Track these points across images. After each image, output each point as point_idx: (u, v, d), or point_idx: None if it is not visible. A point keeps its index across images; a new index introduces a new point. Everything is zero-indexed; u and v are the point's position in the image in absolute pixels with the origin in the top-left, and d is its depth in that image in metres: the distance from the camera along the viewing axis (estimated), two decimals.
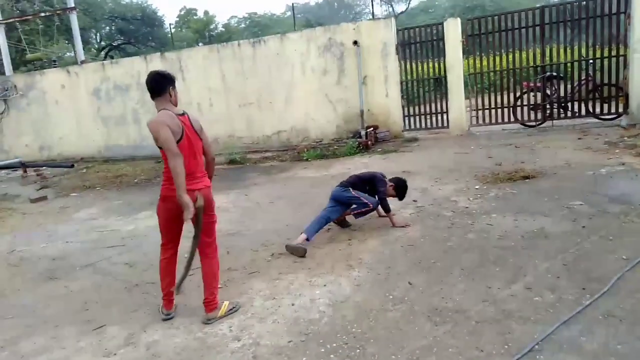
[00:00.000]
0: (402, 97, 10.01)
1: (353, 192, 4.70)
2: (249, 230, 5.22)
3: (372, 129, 9.74)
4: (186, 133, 3.18)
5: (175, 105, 3.29)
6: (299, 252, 4.29)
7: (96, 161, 11.86)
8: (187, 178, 3.12)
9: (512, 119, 9.61)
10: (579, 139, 7.80)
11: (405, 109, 10.15)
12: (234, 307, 3.42)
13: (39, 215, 7.05)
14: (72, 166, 11.43)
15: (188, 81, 10.90)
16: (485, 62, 10.05)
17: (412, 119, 10.19)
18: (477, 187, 5.76)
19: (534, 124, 9.40)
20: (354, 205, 4.73)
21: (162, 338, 3.14)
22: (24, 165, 11.30)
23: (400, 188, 4.86)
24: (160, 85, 3.20)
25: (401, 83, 9.93)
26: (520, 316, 2.88)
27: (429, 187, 6.04)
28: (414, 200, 5.53)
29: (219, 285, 3.79)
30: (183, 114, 3.25)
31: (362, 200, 4.67)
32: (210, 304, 3.34)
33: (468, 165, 6.92)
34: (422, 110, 10.15)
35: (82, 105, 11.99)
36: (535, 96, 9.41)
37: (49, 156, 12.66)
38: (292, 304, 3.38)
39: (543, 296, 3.07)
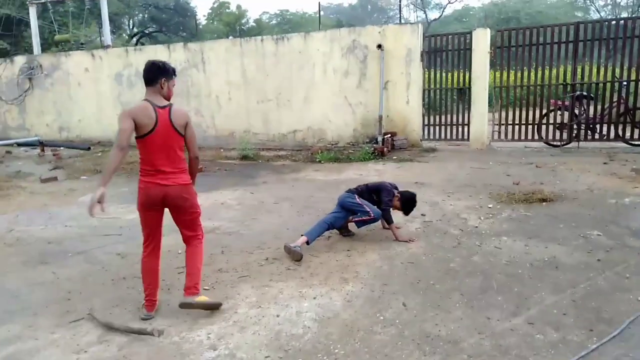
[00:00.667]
0: (423, 105, 9.76)
1: (358, 200, 4.51)
2: (247, 231, 5.06)
3: (389, 135, 9.51)
4: (159, 127, 3.08)
5: (168, 98, 3.20)
6: (295, 256, 4.11)
7: (112, 145, 11.89)
8: (154, 173, 3.13)
9: (536, 137, 9.27)
10: (605, 163, 7.43)
11: (426, 117, 9.90)
12: (213, 304, 3.27)
13: (45, 196, 7.04)
14: (89, 149, 11.53)
15: (209, 73, 10.84)
16: (512, 76, 9.73)
17: (431, 129, 9.92)
18: (490, 205, 5.49)
19: (558, 143, 9.04)
20: (357, 213, 4.53)
21: (136, 339, 2.99)
22: (41, 144, 11.43)
23: (406, 202, 4.61)
24: (151, 75, 3.15)
25: (423, 91, 9.68)
26: (518, 355, 2.64)
27: (440, 201, 5.79)
28: (422, 214, 5.30)
29: (206, 288, 3.67)
30: (164, 107, 3.13)
31: (365, 208, 4.47)
32: (189, 289, 3.26)
33: (484, 182, 6.64)
34: (443, 120, 9.88)
35: (103, 89, 12.06)
36: (562, 115, 9.04)
37: (68, 137, 12.78)
38: (277, 315, 3.20)
39: (545, 334, 2.82)
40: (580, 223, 4.72)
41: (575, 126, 8.96)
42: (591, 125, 8.92)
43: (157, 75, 3.14)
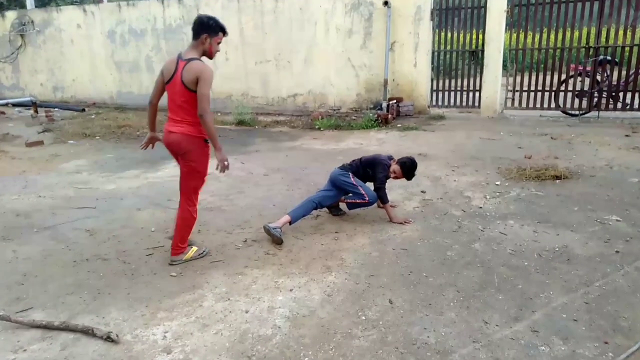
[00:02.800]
0: (432, 69, 9.10)
1: (352, 179, 4.05)
2: (230, 206, 4.66)
3: (394, 101, 8.93)
4: (174, 78, 3.21)
5: (209, 55, 3.28)
6: (275, 239, 3.71)
7: (108, 107, 11.47)
8: (168, 120, 3.39)
9: (553, 104, 8.63)
10: (627, 136, 6.84)
11: (434, 82, 9.26)
12: (202, 252, 3.57)
13: (27, 162, 6.67)
14: (83, 110, 11.12)
15: None
16: (529, 38, 8.99)
17: (440, 94, 9.31)
18: (497, 182, 5.00)
19: (577, 112, 8.40)
20: (350, 194, 4.09)
21: (83, 336, 2.64)
22: (34, 105, 11.01)
23: (407, 170, 4.10)
24: (195, 29, 3.23)
25: (433, 53, 9.01)
26: None
27: (443, 177, 5.31)
28: (422, 192, 4.84)
29: (173, 274, 3.30)
30: (186, 61, 3.18)
31: (360, 190, 4.02)
32: (174, 248, 3.47)
33: (493, 155, 6.12)
34: (453, 85, 9.24)
35: (96, 47, 11.50)
36: (582, 81, 8.36)
37: (62, 98, 12.34)
38: (246, 311, 2.82)
39: (551, 346, 2.41)
40: (597, 205, 4.24)
41: (596, 94, 8.29)
42: (614, 94, 8.24)
43: (199, 30, 3.19)
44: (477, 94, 8.98)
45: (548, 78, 8.64)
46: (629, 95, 8.20)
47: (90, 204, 4.81)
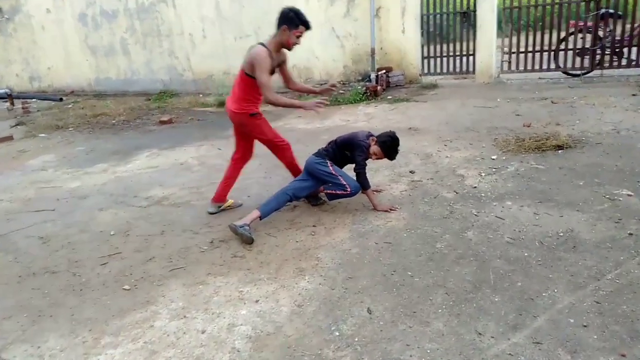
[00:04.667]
0: (422, 34, 8.52)
1: (331, 168, 3.60)
2: (200, 200, 4.24)
3: (384, 71, 8.40)
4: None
5: (287, 45, 3.49)
6: (245, 239, 3.31)
7: (86, 95, 10.99)
8: None
9: (553, 65, 8.07)
10: (634, 95, 6.33)
11: (425, 48, 8.69)
12: (239, 206, 3.95)
13: None
14: (61, 100, 10.59)
15: (179, 8, 9.62)
16: None
17: (432, 62, 8.76)
18: (493, 156, 4.56)
19: (578, 72, 7.86)
20: (329, 184, 3.66)
21: None
22: (10, 97, 10.52)
23: (388, 148, 3.62)
24: (277, 20, 3.39)
25: (422, 17, 8.42)
26: None
27: (435, 153, 4.86)
28: (411, 172, 4.41)
29: (126, 288, 2.92)
30: (258, 45, 3.43)
31: (341, 181, 3.58)
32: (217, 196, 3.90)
33: (489, 124, 5.66)
34: (445, 51, 8.67)
35: (68, 32, 10.93)
36: (583, 38, 7.78)
37: (40, 87, 11.83)
38: (203, 332, 2.43)
39: None
40: (605, 178, 3.80)
41: (599, 51, 7.73)
42: (617, 50, 7.67)
43: (280, 21, 3.37)
44: (471, 58, 8.43)
45: (546, 37, 8.08)
46: (634, 50, 7.62)
47: (50, 206, 4.40)
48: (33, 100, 11.00)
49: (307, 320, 2.44)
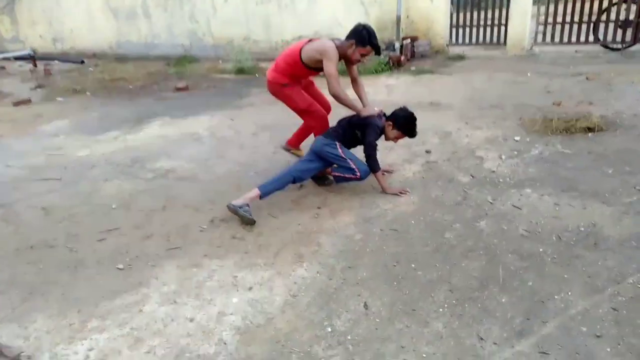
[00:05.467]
0: (451, 1, 8.04)
1: (340, 151, 3.40)
2: (207, 175, 4.13)
3: (409, 40, 8.00)
4: (299, 43, 3.60)
5: (352, 61, 3.50)
6: (246, 220, 3.19)
7: (108, 58, 10.91)
8: None
9: (591, 38, 7.52)
10: None
11: (454, 17, 8.21)
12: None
13: (7, 124, 6.25)
14: (83, 62, 10.59)
15: None
16: None
17: (460, 31, 8.31)
18: (517, 138, 4.27)
19: (619, 46, 7.31)
20: (337, 167, 3.48)
21: None
22: (32, 58, 10.57)
23: (405, 125, 3.42)
24: (350, 32, 3.41)
25: None
26: None
27: (454, 131, 4.60)
28: (427, 151, 4.18)
29: (120, 267, 2.84)
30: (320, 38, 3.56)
31: (350, 164, 3.38)
32: (291, 141, 4.06)
33: (516, 101, 5.32)
34: (475, 20, 8.18)
35: None
36: (628, 9, 7.19)
37: (62, 49, 11.82)
38: (191, 319, 2.34)
39: None
40: (637, 166, 3.50)
41: None
42: None
43: (351, 34, 3.39)
44: (502, 28, 7.93)
45: (587, 6, 7.49)
46: None
47: (57, 175, 4.36)
48: (55, 62, 11.04)
49: (300, 313, 2.32)
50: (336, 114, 3.82)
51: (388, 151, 4.23)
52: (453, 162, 3.90)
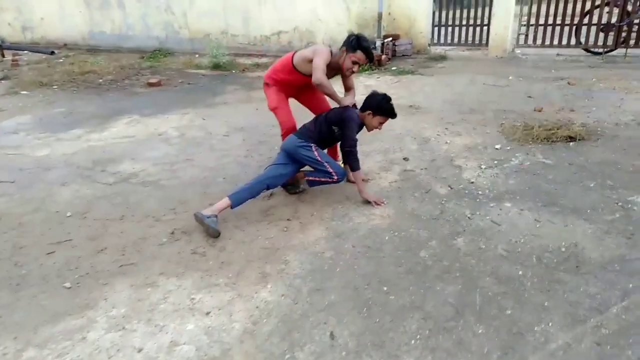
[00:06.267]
0: (434, 0, 7.88)
1: (316, 154, 3.21)
2: (172, 180, 3.88)
3: (390, 39, 7.83)
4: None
5: (341, 68, 3.39)
6: (210, 232, 2.97)
7: (80, 49, 10.49)
8: None
9: (573, 41, 7.45)
10: None
11: (436, 15, 8.06)
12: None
13: None
14: (53, 53, 10.08)
15: None
16: None
17: (442, 30, 8.17)
18: (497, 146, 4.13)
19: (600, 50, 7.25)
20: (313, 170, 3.28)
21: None
22: (0, 48, 10.07)
23: (385, 109, 3.28)
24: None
25: None
26: None
27: (434, 137, 4.44)
28: (405, 159, 4.01)
29: (67, 285, 2.60)
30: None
31: (327, 168, 3.21)
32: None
33: (497, 106, 5.19)
34: (458, 19, 8.04)
35: None
36: (609, 12, 7.13)
37: (32, 39, 11.32)
38: (140, 350, 2.12)
39: None
40: (619, 180, 3.38)
41: (625, 27, 7.08)
42: None
43: (343, 43, 3.37)
44: (485, 29, 7.81)
45: (569, 9, 7.41)
46: None
47: (11, 177, 4.06)
48: (25, 52, 10.55)
49: (259, 344, 2.12)
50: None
51: (364, 157, 4.05)
52: (431, 171, 3.74)
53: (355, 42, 3.25)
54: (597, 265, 2.50)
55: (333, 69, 3.43)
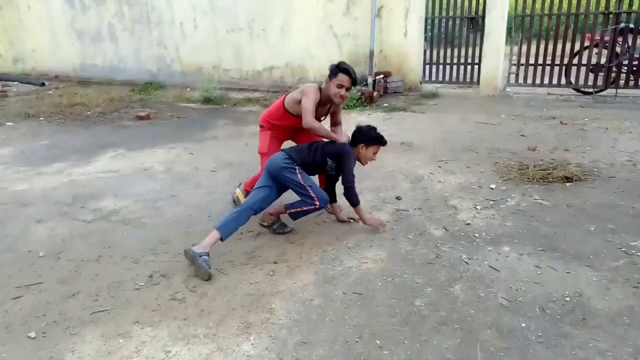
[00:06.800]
0: (425, 38, 7.97)
1: (300, 177, 3.11)
2: (154, 218, 3.70)
3: (382, 76, 7.85)
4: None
5: (329, 97, 3.31)
6: (201, 274, 2.80)
7: (71, 81, 10.41)
8: None
9: (563, 81, 7.51)
10: None
11: (428, 54, 8.13)
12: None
13: None
14: (43, 84, 10.04)
15: None
16: (539, 2, 7.77)
17: (434, 68, 8.21)
18: (492, 185, 4.02)
19: (591, 90, 7.30)
20: (297, 197, 3.18)
21: None
22: None
23: (373, 139, 3.28)
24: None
25: (426, 20, 7.86)
26: None
27: (427, 176, 4.32)
28: (398, 198, 3.87)
29: (31, 335, 2.38)
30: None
31: (310, 193, 3.11)
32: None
33: (490, 145, 5.11)
34: (449, 57, 8.11)
35: (55, 13, 10.33)
36: (599, 54, 7.22)
37: (24, 70, 11.24)
38: None
39: None
40: (620, 224, 3.26)
41: (615, 68, 7.16)
42: (635, 68, 7.11)
43: (329, 73, 3.33)
44: (476, 67, 7.87)
45: (559, 49, 7.50)
46: None
47: None
48: (15, 83, 10.47)
49: None
50: None
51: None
52: (425, 212, 3.60)
53: (334, 68, 3.29)
54: (605, 317, 2.33)
55: (325, 103, 3.40)
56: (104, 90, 9.28)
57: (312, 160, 3.22)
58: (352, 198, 3.23)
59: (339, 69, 3.27)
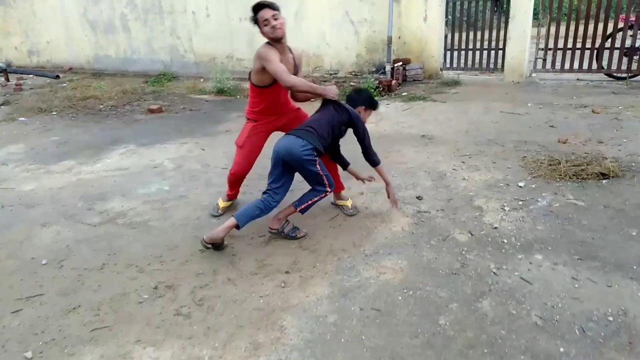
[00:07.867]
0: (446, 22, 7.59)
1: (318, 167, 2.97)
2: (162, 220, 3.54)
3: (400, 63, 7.52)
4: None
5: (267, 36, 3.03)
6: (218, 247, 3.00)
7: (85, 73, 10.34)
8: None
9: (595, 66, 7.08)
10: None
11: (449, 39, 7.76)
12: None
13: None
14: (58, 77, 10.00)
15: None
16: None
17: (455, 55, 7.86)
18: (521, 183, 3.74)
19: (624, 75, 6.87)
20: (304, 195, 3.10)
21: None
22: (5, 72, 9.98)
23: (370, 101, 3.30)
24: None
25: (447, 4, 7.49)
26: None
27: (450, 172, 4.06)
28: (418, 197, 3.63)
29: (28, 356, 2.24)
30: None
31: (324, 181, 3.02)
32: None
33: (516, 137, 4.81)
34: (471, 42, 7.73)
35: (68, 4, 10.21)
36: (634, 36, 6.77)
37: (39, 62, 11.21)
38: None
39: None
40: None
41: None
42: None
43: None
44: (500, 53, 7.48)
45: (590, 31, 7.06)
46: None
47: None
48: (30, 75, 10.45)
49: None
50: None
51: (373, 195, 3.69)
52: (448, 214, 3.35)
53: (252, 16, 3.01)
54: None
55: (283, 52, 3.10)
56: (117, 82, 9.17)
57: (333, 137, 3.07)
58: (374, 157, 3.18)
59: (253, 11, 2.99)
